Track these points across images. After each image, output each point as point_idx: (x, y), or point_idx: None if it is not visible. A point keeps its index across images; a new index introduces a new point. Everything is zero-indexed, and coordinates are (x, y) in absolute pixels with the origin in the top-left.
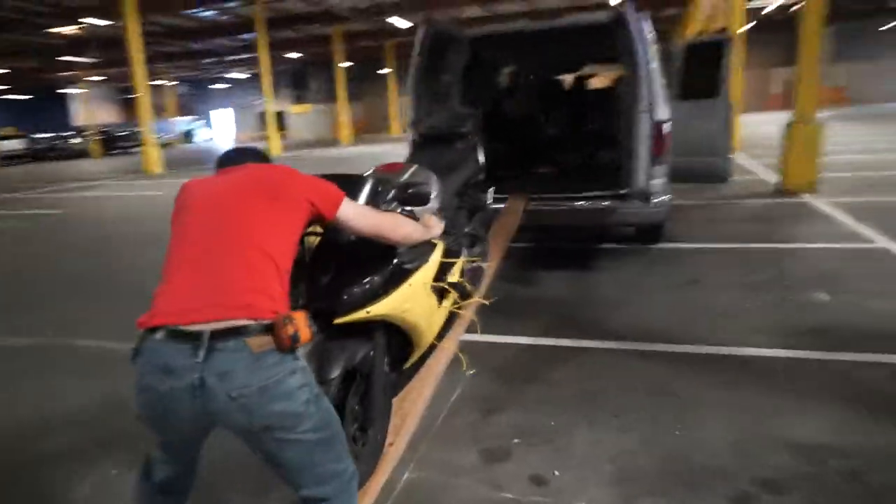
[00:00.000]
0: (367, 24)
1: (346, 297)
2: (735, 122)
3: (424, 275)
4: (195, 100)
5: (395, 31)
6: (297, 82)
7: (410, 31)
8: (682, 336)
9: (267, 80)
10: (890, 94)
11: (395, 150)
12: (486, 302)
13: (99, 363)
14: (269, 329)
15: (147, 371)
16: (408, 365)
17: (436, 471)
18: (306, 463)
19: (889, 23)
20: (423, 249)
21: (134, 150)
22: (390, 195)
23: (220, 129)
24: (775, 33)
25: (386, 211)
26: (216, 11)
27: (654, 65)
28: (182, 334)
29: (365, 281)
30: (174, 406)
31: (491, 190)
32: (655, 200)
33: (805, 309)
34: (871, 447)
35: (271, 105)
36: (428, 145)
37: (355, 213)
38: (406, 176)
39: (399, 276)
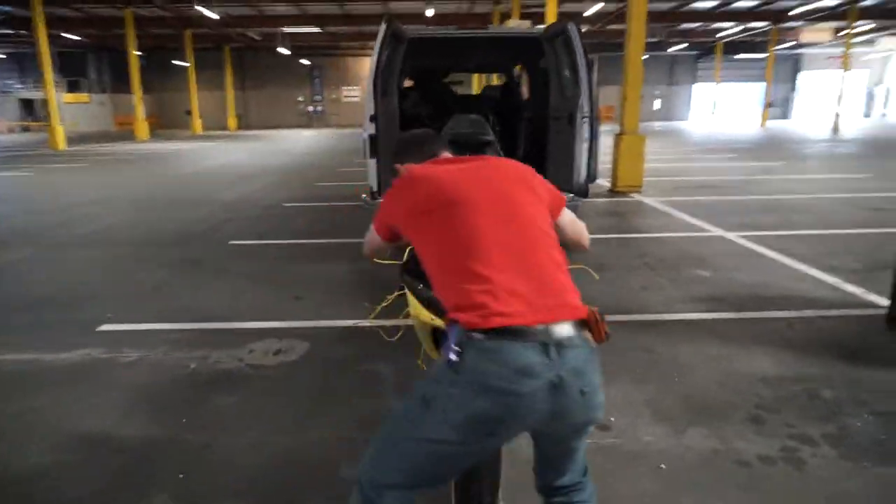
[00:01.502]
0: (165, 10)
1: None
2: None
3: None
4: None
5: (199, 21)
6: (70, 68)
7: (220, 23)
8: (627, 308)
9: (47, 63)
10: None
11: (209, 148)
12: None
13: (51, 377)
14: (585, 324)
15: (495, 373)
16: None
17: None
18: (579, 451)
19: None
20: None
21: None
22: None
23: None
24: None
25: None
26: None
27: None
28: (527, 334)
29: None
30: (531, 407)
31: None
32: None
33: (697, 282)
34: (809, 374)
35: (53, 91)
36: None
37: (569, 218)
38: None
39: None
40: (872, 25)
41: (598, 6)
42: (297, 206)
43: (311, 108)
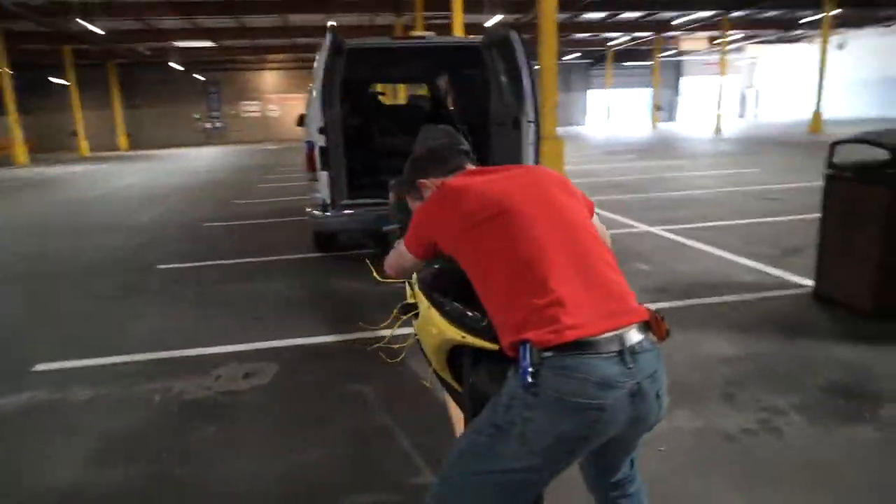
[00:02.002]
0: (41, 24)
1: None
2: None
3: None
4: None
5: (81, 36)
6: None
7: (104, 38)
8: None
9: None
10: None
11: (103, 171)
12: None
13: None
14: (647, 325)
15: (577, 390)
16: None
17: None
18: (637, 447)
19: None
20: None
21: None
22: None
23: None
24: None
25: None
26: None
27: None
28: (602, 344)
29: None
30: (613, 418)
31: None
32: None
33: (641, 275)
34: (762, 351)
35: None
36: None
37: (597, 221)
38: None
39: None
40: (741, 35)
41: (498, 18)
42: (219, 225)
43: (208, 125)
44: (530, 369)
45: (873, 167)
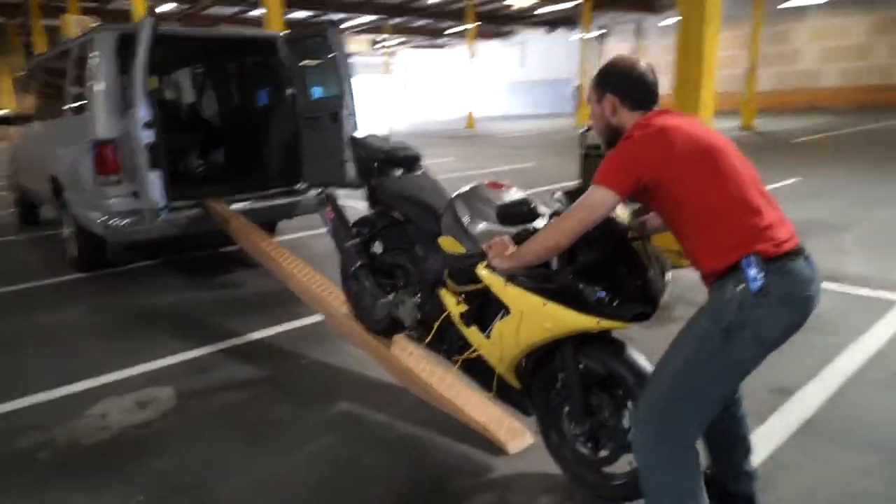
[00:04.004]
0: None
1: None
2: None
3: None
4: None
5: None
6: None
7: None
8: None
9: None
10: None
11: None
12: None
13: None
14: None
15: (796, 286)
16: None
17: None
18: None
19: None
20: None
21: None
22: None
23: None
24: None
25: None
26: None
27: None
28: (801, 252)
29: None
30: (814, 305)
31: None
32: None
33: None
34: None
35: None
36: (387, 171)
37: None
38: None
39: None
40: (401, 40)
41: (171, 6)
42: None
43: None
44: (761, 274)
45: None
